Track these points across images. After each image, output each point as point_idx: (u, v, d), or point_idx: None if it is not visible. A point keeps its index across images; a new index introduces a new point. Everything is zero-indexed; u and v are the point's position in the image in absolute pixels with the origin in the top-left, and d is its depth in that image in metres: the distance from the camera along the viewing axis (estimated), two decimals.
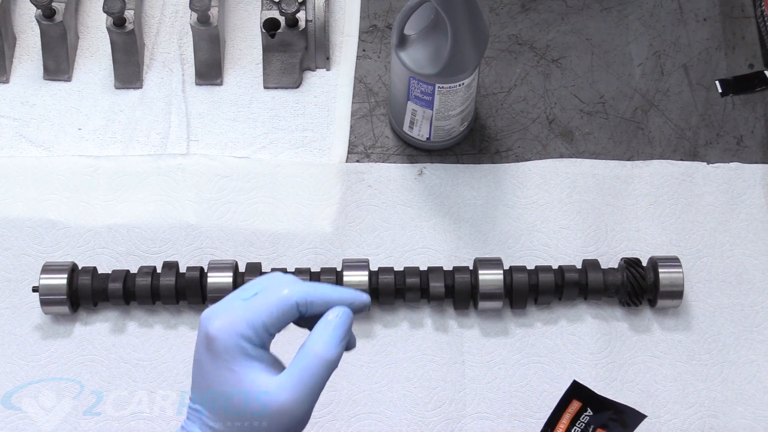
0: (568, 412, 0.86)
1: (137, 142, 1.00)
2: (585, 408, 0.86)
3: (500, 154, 1.01)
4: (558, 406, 0.86)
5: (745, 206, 0.98)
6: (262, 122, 1.02)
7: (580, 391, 0.86)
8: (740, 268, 0.95)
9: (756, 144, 1.02)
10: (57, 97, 1.03)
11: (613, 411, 0.85)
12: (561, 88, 1.04)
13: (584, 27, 1.08)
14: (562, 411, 0.86)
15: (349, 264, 0.91)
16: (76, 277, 0.90)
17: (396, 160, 1.00)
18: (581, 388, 0.86)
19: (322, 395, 0.89)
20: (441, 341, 0.92)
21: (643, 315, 0.93)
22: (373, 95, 1.04)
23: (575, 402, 0.86)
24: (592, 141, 1.02)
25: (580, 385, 0.86)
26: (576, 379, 0.90)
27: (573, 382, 0.87)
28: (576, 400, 0.86)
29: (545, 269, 0.91)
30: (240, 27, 1.07)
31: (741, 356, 0.92)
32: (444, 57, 0.86)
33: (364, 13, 1.08)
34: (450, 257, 0.95)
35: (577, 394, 0.86)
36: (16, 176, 0.98)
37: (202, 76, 1.03)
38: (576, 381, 0.87)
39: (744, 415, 0.90)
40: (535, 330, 0.93)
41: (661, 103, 1.04)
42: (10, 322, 0.92)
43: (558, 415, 0.86)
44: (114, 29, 1.00)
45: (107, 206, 0.97)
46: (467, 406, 0.89)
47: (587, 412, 0.85)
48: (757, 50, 1.07)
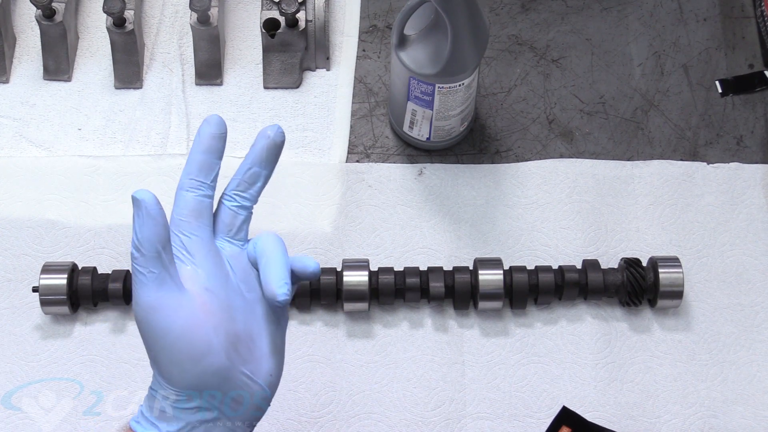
0: None
1: (137, 142, 1.00)
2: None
3: (500, 154, 1.01)
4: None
5: (745, 206, 0.98)
6: (262, 122, 1.02)
7: (569, 417, 0.86)
8: (740, 268, 0.95)
9: (756, 144, 1.02)
10: (57, 97, 1.03)
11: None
12: (561, 88, 1.04)
13: (584, 27, 1.08)
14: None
15: (349, 264, 0.91)
16: (76, 277, 0.90)
17: (396, 160, 1.00)
18: (571, 415, 0.86)
19: (322, 395, 0.90)
20: (441, 341, 0.92)
21: (643, 315, 0.93)
22: (373, 95, 1.04)
23: (564, 429, 0.85)
24: (592, 141, 1.02)
25: (569, 411, 0.86)
26: (576, 379, 0.90)
27: (562, 408, 0.86)
28: (565, 426, 0.85)
29: (545, 269, 0.91)
30: (240, 27, 1.07)
31: (741, 356, 0.92)
32: (444, 57, 0.86)
33: (364, 13, 1.08)
34: (450, 257, 0.95)
35: (566, 420, 0.86)
36: (16, 176, 0.98)
37: (202, 76, 1.03)
38: (565, 407, 0.86)
39: (744, 415, 0.90)
40: (535, 330, 0.93)
41: (661, 103, 1.04)
42: (10, 322, 0.92)
43: None
44: (114, 29, 1.00)
45: (107, 206, 0.97)
46: (467, 406, 0.89)
47: None
48: (757, 50, 1.07)
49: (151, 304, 0.60)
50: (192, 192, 0.64)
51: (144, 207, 0.59)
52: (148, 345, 0.61)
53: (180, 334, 0.60)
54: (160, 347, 0.60)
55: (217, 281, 0.63)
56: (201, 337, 0.60)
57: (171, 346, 0.60)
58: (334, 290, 0.90)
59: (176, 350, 0.60)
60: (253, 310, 0.64)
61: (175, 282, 0.61)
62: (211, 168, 0.65)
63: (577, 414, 0.86)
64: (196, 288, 0.62)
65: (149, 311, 0.60)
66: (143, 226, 0.59)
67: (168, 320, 0.60)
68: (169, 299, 0.60)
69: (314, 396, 0.89)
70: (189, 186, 0.64)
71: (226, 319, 0.62)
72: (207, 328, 0.60)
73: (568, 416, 0.86)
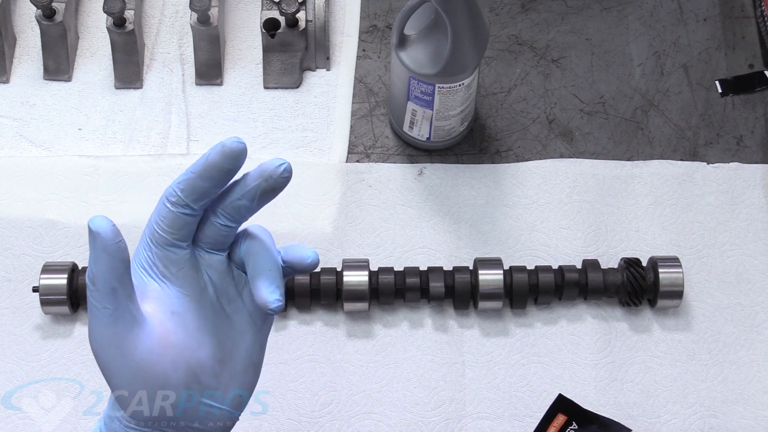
0: (553, 426, 0.86)
1: (137, 142, 1.00)
2: (570, 422, 0.86)
3: (500, 154, 1.01)
4: (543, 420, 0.86)
5: (745, 206, 0.98)
6: (262, 122, 1.02)
7: (565, 404, 0.86)
8: (740, 268, 0.95)
9: (756, 144, 1.02)
10: (57, 97, 1.03)
11: (598, 425, 0.85)
12: (561, 88, 1.04)
13: (584, 27, 1.08)
14: (547, 425, 0.86)
15: (349, 264, 0.91)
16: (76, 277, 0.90)
17: (396, 160, 1.00)
18: (566, 402, 0.86)
19: (322, 395, 0.90)
20: (441, 341, 0.92)
21: (643, 315, 0.93)
22: (373, 95, 1.04)
23: (560, 416, 0.86)
24: (592, 141, 1.02)
25: (565, 399, 0.86)
26: (576, 379, 0.90)
27: (558, 396, 0.87)
28: (561, 413, 0.86)
29: (545, 269, 0.91)
30: (240, 27, 1.07)
31: (741, 356, 0.92)
32: (444, 57, 0.86)
33: (364, 13, 1.08)
34: (450, 257, 0.95)
35: (562, 407, 0.86)
36: (16, 176, 0.98)
37: (202, 76, 1.03)
38: (561, 395, 0.87)
39: (744, 415, 0.90)
40: (535, 330, 0.93)
41: (661, 103, 1.04)
42: (10, 322, 0.92)
43: (543, 430, 0.86)
44: (114, 29, 1.00)
45: (107, 206, 0.97)
46: (467, 406, 0.89)
47: (572, 426, 0.85)
48: (757, 50, 1.07)
49: (106, 339, 0.57)
50: (176, 208, 0.58)
51: (99, 241, 0.55)
52: (104, 376, 0.58)
53: (135, 371, 0.57)
54: (114, 382, 0.58)
55: (188, 301, 0.60)
56: (157, 373, 0.58)
57: (126, 382, 0.58)
58: (334, 290, 0.90)
59: (131, 386, 0.58)
60: (231, 324, 0.61)
61: (133, 316, 0.57)
62: (204, 195, 0.58)
63: (573, 401, 0.86)
64: (159, 313, 0.59)
65: (103, 346, 0.57)
66: (98, 260, 0.55)
67: (122, 357, 0.57)
68: (124, 336, 0.57)
69: (314, 396, 0.89)
70: (175, 201, 0.58)
71: (190, 348, 0.59)
72: (165, 363, 0.58)
73: (564, 403, 0.86)
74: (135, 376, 0.57)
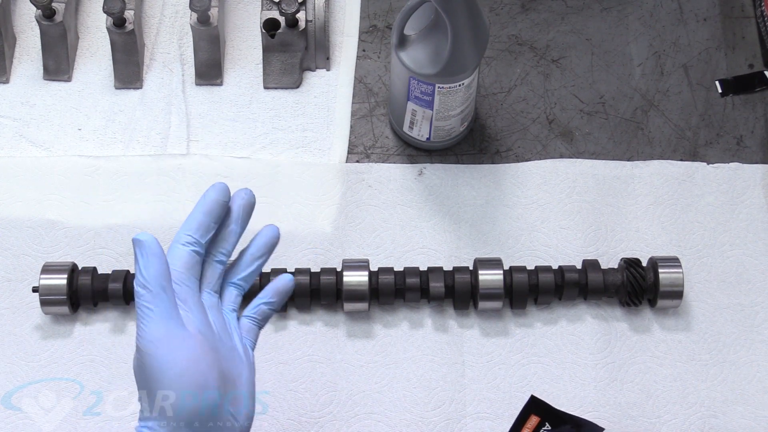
0: (527, 428, 0.86)
1: (137, 142, 1.00)
2: (543, 423, 0.86)
3: (500, 154, 1.01)
4: (516, 422, 0.86)
5: (745, 206, 0.98)
6: (262, 122, 1.02)
7: (537, 405, 0.86)
8: (740, 268, 0.95)
9: (756, 144, 1.02)
10: (57, 97, 1.03)
11: (571, 425, 0.85)
12: (561, 88, 1.04)
13: (584, 27, 1.08)
14: (521, 426, 0.86)
15: (349, 264, 0.91)
16: (76, 278, 0.90)
17: (396, 160, 1.00)
18: (539, 403, 0.86)
19: (322, 395, 0.90)
20: (441, 341, 0.92)
21: (643, 315, 0.93)
22: (373, 95, 1.04)
23: (533, 417, 0.86)
24: (592, 141, 1.02)
25: (537, 400, 0.86)
26: (576, 379, 0.90)
27: (531, 397, 0.87)
28: (534, 415, 0.86)
29: (545, 269, 0.91)
30: (240, 27, 1.07)
31: (741, 356, 0.92)
32: (444, 57, 0.86)
33: (364, 13, 1.08)
34: (450, 257, 0.95)
35: (535, 408, 0.86)
36: (16, 176, 0.98)
37: (202, 76, 1.03)
38: (534, 396, 0.87)
39: (744, 415, 0.90)
40: (535, 330, 0.93)
41: (661, 103, 1.04)
42: (10, 322, 0.92)
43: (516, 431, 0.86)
44: (114, 29, 1.00)
45: (107, 206, 0.97)
46: (467, 406, 0.89)
47: (545, 426, 0.86)
48: (757, 50, 1.07)
49: (158, 337, 0.63)
50: (187, 247, 0.67)
51: (147, 246, 0.64)
52: (148, 378, 0.63)
53: (184, 368, 0.62)
54: (160, 380, 0.63)
55: (206, 327, 0.66)
56: (201, 373, 0.63)
57: (173, 379, 0.62)
58: (334, 290, 0.90)
59: (177, 384, 0.62)
60: (233, 356, 0.68)
61: (179, 316, 0.64)
62: (208, 230, 0.68)
63: (546, 402, 0.86)
64: (191, 329, 0.65)
65: (156, 344, 0.63)
66: (148, 265, 0.63)
67: (173, 354, 0.63)
68: (174, 334, 0.63)
69: (314, 396, 0.89)
70: (185, 241, 0.67)
71: (217, 359, 0.65)
72: (204, 365, 0.64)
73: (537, 404, 0.86)
74: (182, 372, 0.62)
